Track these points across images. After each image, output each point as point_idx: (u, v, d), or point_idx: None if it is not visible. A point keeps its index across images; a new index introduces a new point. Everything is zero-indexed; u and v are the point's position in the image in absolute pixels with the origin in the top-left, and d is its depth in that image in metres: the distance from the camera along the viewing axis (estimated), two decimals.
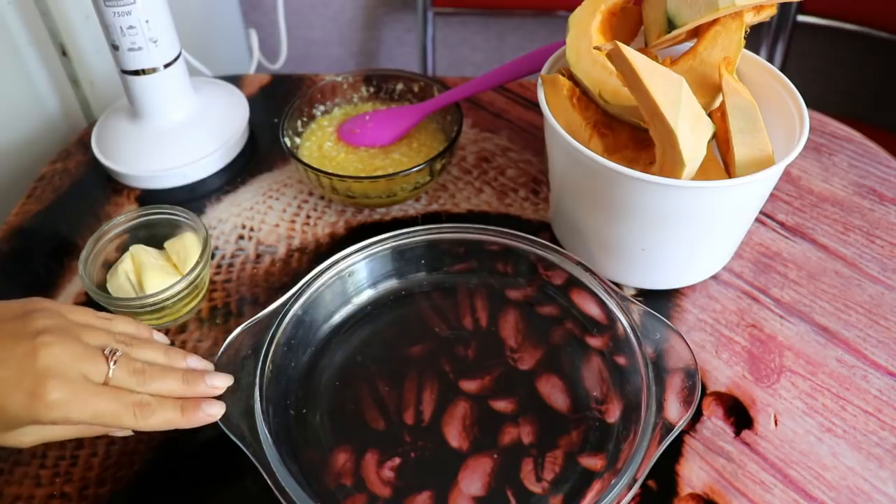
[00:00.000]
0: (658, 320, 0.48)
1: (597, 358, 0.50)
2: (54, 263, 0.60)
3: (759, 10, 0.51)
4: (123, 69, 0.63)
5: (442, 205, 0.64)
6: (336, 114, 0.70)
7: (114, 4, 0.59)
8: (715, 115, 0.52)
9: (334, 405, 0.48)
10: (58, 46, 0.76)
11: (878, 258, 0.58)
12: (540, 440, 0.46)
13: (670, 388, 0.45)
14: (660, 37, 0.52)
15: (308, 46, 1.44)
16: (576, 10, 0.54)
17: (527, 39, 1.38)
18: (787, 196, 0.63)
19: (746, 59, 0.55)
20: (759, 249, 0.59)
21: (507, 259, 0.54)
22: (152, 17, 0.61)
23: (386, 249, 0.54)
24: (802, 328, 0.53)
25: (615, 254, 0.54)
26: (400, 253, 0.54)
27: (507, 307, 0.53)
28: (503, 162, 0.68)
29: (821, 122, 0.71)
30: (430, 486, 0.44)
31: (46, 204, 0.65)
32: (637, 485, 0.40)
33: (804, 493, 0.44)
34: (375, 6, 1.37)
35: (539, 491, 0.43)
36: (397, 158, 0.65)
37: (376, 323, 0.53)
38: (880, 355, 0.52)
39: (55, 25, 0.74)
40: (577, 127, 0.52)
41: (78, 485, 0.46)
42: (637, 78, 0.45)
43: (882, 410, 0.48)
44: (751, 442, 0.47)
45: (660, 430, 0.43)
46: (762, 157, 0.49)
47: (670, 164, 0.47)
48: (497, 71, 0.64)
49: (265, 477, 0.41)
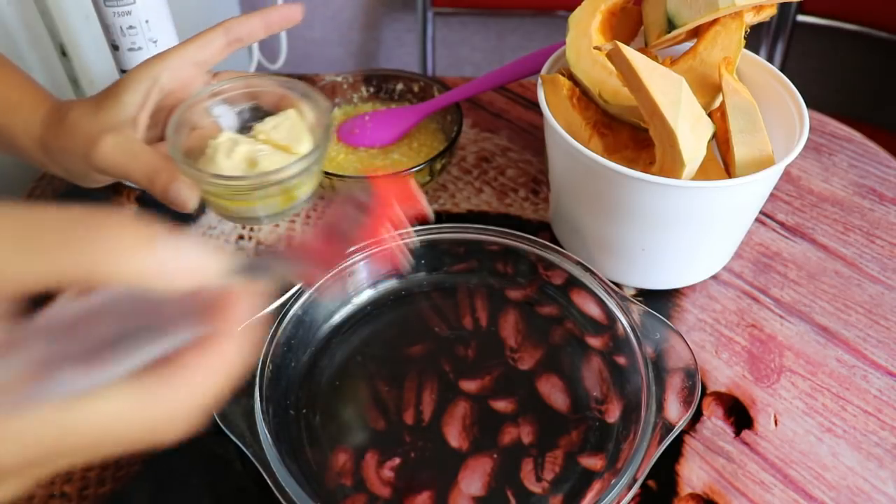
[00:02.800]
0: (658, 320, 0.48)
1: (597, 358, 0.50)
2: None
3: (759, 10, 0.51)
4: (123, 69, 0.63)
5: (442, 205, 0.64)
6: (336, 114, 0.70)
7: (114, 4, 0.59)
8: (715, 115, 0.52)
9: (334, 405, 0.48)
10: (58, 46, 0.76)
11: (878, 258, 0.58)
12: (540, 440, 0.46)
13: (670, 388, 0.45)
14: (660, 37, 0.52)
15: (308, 46, 1.44)
16: (576, 10, 0.54)
17: (526, 39, 1.38)
18: (787, 196, 0.63)
19: (746, 59, 0.55)
20: (759, 249, 0.59)
21: (507, 259, 0.54)
22: (152, 17, 0.60)
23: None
24: (802, 328, 0.53)
25: (615, 254, 0.54)
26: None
27: (507, 307, 0.53)
28: (503, 162, 0.68)
29: (821, 122, 0.71)
30: (430, 486, 0.44)
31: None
32: (637, 485, 0.40)
33: (804, 493, 0.44)
34: (375, 6, 1.37)
35: (539, 491, 0.43)
36: (397, 158, 0.65)
37: (376, 323, 0.53)
38: (880, 355, 0.52)
39: (55, 25, 0.74)
40: (577, 127, 0.52)
41: (78, 485, 0.46)
42: (637, 78, 0.45)
43: (882, 410, 0.48)
44: (751, 442, 0.47)
45: (660, 430, 0.43)
46: (762, 157, 0.49)
47: (670, 164, 0.47)
48: (497, 72, 0.64)
49: (265, 477, 0.41)
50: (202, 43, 0.46)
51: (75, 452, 0.24)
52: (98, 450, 0.24)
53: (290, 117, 0.47)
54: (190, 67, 0.45)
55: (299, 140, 0.46)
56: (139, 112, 0.43)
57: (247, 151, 0.45)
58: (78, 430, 0.23)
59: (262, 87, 0.47)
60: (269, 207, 0.46)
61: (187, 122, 0.44)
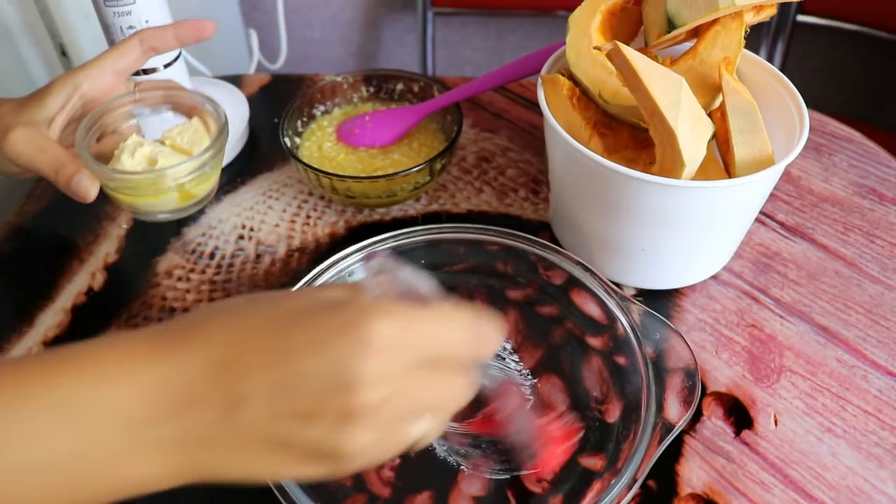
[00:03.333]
0: (658, 320, 0.48)
1: (597, 358, 0.50)
2: (54, 263, 0.60)
3: (759, 10, 0.51)
4: None
5: (442, 205, 0.64)
6: (336, 114, 0.70)
7: (114, 4, 0.59)
8: (715, 115, 0.52)
9: None
10: (58, 46, 0.76)
11: (878, 258, 0.58)
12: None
13: (670, 388, 0.45)
14: (660, 37, 0.52)
15: (308, 46, 1.44)
16: (576, 10, 0.54)
17: (527, 39, 1.38)
18: (787, 196, 0.63)
19: (746, 59, 0.55)
20: (759, 249, 0.59)
21: (507, 259, 0.54)
22: (152, 17, 0.61)
23: (386, 249, 0.54)
24: (802, 328, 0.53)
25: (615, 254, 0.54)
26: (400, 253, 0.54)
27: (507, 307, 0.53)
28: (503, 162, 0.68)
29: (821, 122, 0.71)
30: (430, 486, 0.44)
31: (46, 204, 0.65)
32: (637, 485, 0.41)
33: (804, 493, 0.44)
34: (375, 6, 1.37)
35: (539, 491, 0.43)
36: (397, 158, 0.65)
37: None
38: (880, 355, 0.52)
39: (55, 25, 0.74)
40: (577, 127, 0.52)
41: None
42: (637, 78, 0.45)
43: (882, 410, 0.48)
44: (751, 442, 0.47)
45: (660, 430, 0.43)
46: (762, 157, 0.49)
47: (670, 164, 0.47)
48: (497, 72, 0.64)
49: None
50: (120, 54, 0.50)
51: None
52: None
53: (194, 125, 0.52)
54: (109, 76, 0.50)
55: (200, 145, 0.52)
56: (57, 114, 0.47)
57: (149, 152, 0.50)
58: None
59: (175, 97, 0.52)
60: (167, 203, 0.52)
61: (99, 125, 0.49)
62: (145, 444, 0.26)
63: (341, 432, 0.26)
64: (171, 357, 0.27)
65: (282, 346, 0.26)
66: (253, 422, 0.26)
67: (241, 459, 0.27)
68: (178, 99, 0.52)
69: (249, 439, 0.27)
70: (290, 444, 0.27)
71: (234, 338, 0.27)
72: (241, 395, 0.26)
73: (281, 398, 0.26)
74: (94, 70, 0.49)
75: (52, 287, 0.58)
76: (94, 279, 0.59)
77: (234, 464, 0.28)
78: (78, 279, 0.59)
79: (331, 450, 0.27)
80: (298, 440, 0.27)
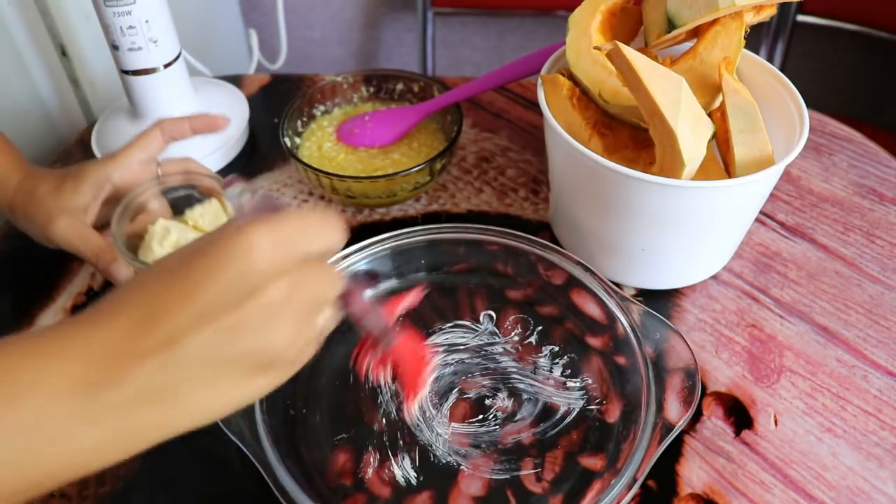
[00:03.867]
0: (658, 320, 0.48)
1: (597, 358, 0.50)
2: (54, 263, 0.60)
3: (759, 10, 0.51)
4: (123, 69, 0.63)
5: (442, 205, 0.64)
6: (336, 114, 0.70)
7: (114, 4, 0.59)
8: (715, 115, 0.52)
9: (334, 405, 0.48)
10: (58, 46, 0.76)
11: (878, 258, 0.58)
12: (540, 440, 0.46)
13: (670, 388, 0.45)
14: (660, 37, 0.52)
15: (308, 46, 1.44)
16: (576, 10, 0.54)
17: (527, 39, 1.38)
18: (787, 196, 0.63)
19: (746, 59, 0.55)
20: (759, 249, 0.59)
21: (507, 259, 0.54)
22: (152, 17, 0.61)
23: (386, 249, 0.54)
24: (802, 328, 0.53)
25: (615, 254, 0.54)
26: (400, 253, 0.54)
27: (507, 307, 0.53)
28: (503, 162, 0.68)
29: (821, 122, 0.71)
30: (430, 486, 0.44)
31: None
32: (637, 485, 0.41)
33: (804, 493, 0.44)
34: (375, 6, 1.37)
35: (539, 491, 0.43)
36: (397, 158, 0.65)
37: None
38: (880, 355, 0.52)
39: (55, 25, 0.74)
40: (577, 127, 0.52)
41: (78, 484, 0.46)
42: (637, 78, 0.45)
43: (882, 410, 0.48)
44: (751, 442, 0.47)
45: (660, 430, 0.43)
46: (762, 157, 0.49)
47: (670, 164, 0.47)
48: (497, 72, 0.64)
49: (265, 477, 0.41)
50: (144, 145, 0.55)
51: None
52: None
53: (214, 207, 0.55)
54: (136, 165, 0.55)
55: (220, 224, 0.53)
56: (92, 202, 0.53)
57: (176, 239, 0.53)
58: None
59: (195, 180, 0.56)
60: None
61: (130, 212, 0.53)
62: (92, 412, 0.28)
63: (267, 330, 0.30)
64: (103, 326, 0.29)
65: (187, 281, 0.29)
66: (191, 354, 0.29)
67: (194, 397, 0.30)
68: (197, 181, 0.56)
69: (194, 373, 0.29)
70: (231, 361, 0.30)
71: (147, 296, 0.29)
72: (172, 334, 0.28)
73: (205, 323, 0.28)
74: (123, 161, 0.54)
75: (52, 287, 0.58)
76: (94, 279, 0.59)
77: (187, 405, 0.30)
78: (78, 279, 0.59)
79: (264, 351, 0.30)
80: (235, 354, 0.29)
